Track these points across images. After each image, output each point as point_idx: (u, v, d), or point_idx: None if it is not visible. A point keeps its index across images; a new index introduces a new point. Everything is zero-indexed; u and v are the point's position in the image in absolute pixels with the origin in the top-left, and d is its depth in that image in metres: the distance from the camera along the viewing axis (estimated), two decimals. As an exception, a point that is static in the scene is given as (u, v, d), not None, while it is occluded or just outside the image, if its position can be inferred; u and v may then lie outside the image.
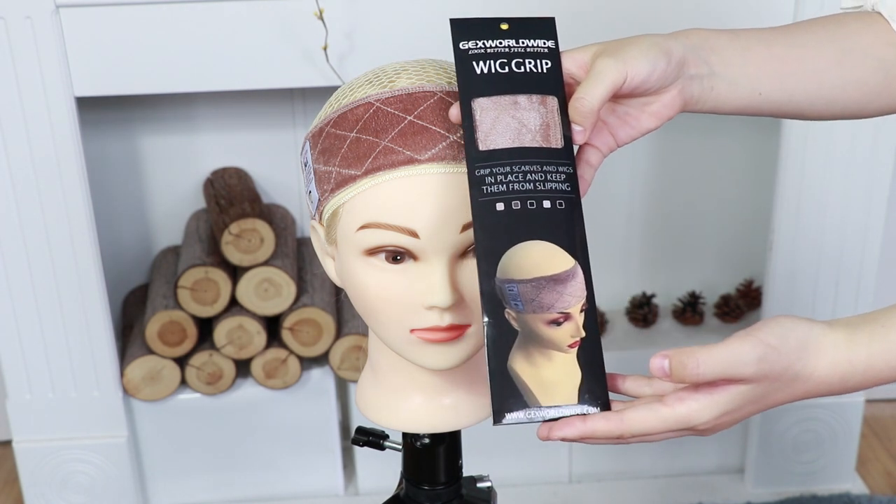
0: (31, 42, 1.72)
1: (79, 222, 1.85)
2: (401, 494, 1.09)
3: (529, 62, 0.89)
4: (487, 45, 0.90)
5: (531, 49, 0.90)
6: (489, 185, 0.86)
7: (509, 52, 0.89)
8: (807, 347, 0.82)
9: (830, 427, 2.13)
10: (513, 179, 0.86)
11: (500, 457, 2.16)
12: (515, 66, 0.89)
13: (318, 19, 1.71)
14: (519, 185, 0.86)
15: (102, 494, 2.07)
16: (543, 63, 0.89)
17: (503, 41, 0.90)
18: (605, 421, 0.83)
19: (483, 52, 0.89)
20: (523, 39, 0.90)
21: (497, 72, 0.88)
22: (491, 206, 0.85)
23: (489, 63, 0.89)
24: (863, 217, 1.94)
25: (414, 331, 0.93)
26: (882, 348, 0.81)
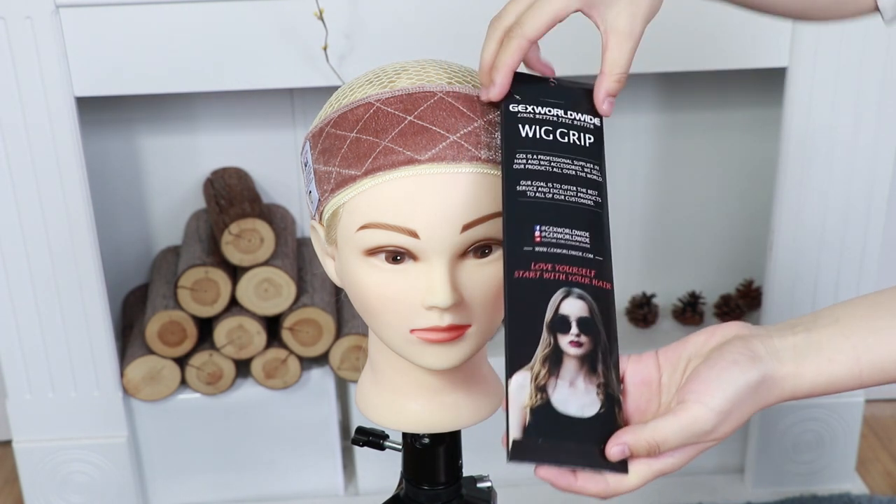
0: (31, 42, 1.72)
1: (79, 222, 1.85)
2: (401, 494, 1.09)
3: (574, 134, 0.91)
4: (536, 112, 0.91)
5: (578, 122, 0.92)
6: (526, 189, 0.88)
7: (556, 121, 0.91)
8: (758, 393, 0.82)
9: (830, 427, 2.13)
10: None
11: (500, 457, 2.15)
12: (560, 136, 0.91)
13: (318, 19, 1.71)
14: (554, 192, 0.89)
15: (102, 494, 2.07)
16: (587, 137, 0.92)
17: (552, 110, 0.92)
18: (632, 434, 0.82)
19: (531, 117, 0.91)
20: (571, 112, 0.92)
21: (542, 138, 0.90)
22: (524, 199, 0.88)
23: (535, 128, 0.91)
24: (863, 217, 1.94)
25: (414, 331, 0.93)
26: (824, 382, 0.83)
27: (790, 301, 2.00)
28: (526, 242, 0.86)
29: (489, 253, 0.92)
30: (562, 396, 0.82)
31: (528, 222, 0.86)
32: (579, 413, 0.82)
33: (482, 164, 0.90)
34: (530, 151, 0.89)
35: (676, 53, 1.83)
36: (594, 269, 0.87)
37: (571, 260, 0.86)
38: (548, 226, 0.87)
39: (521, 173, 0.88)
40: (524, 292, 0.84)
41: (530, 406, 0.81)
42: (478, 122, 0.91)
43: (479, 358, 1.04)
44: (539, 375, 0.82)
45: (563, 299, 0.85)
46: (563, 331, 0.84)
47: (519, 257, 0.85)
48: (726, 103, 2.13)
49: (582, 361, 0.83)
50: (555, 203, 0.88)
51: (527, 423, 0.80)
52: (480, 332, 0.95)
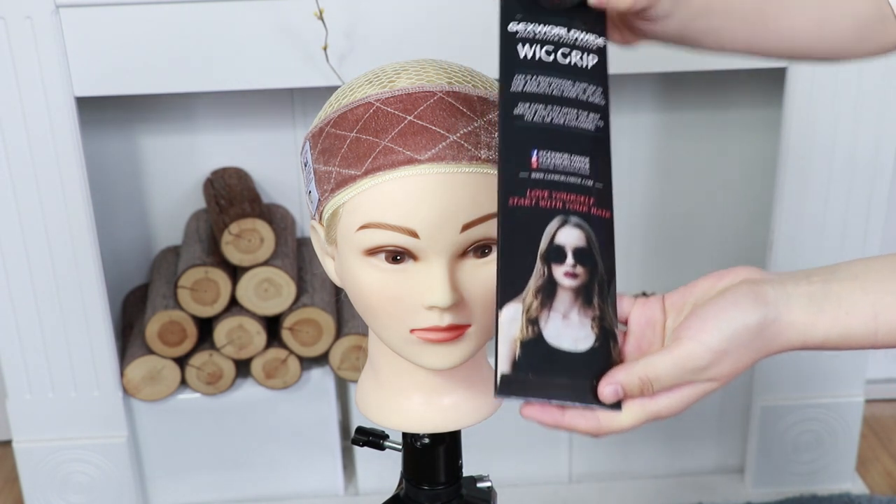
0: (31, 42, 1.72)
1: (79, 222, 1.85)
2: (401, 494, 1.09)
3: (576, 55, 0.87)
4: (536, 31, 0.87)
5: (581, 42, 0.88)
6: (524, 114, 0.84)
7: (557, 40, 0.87)
8: (761, 337, 0.81)
9: (830, 427, 2.13)
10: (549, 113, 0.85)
11: (500, 457, 2.16)
12: (561, 57, 0.86)
13: (318, 19, 1.71)
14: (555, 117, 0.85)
15: (102, 494, 2.07)
16: (590, 58, 0.87)
17: (553, 28, 0.87)
18: (625, 372, 0.80)
19: (531, 36, 0.87)
20: (574, 30, 0.87)
21: (541, 59, 0.86)
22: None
23: (534, 49, 0.86)
24: (862, 217, 1.94)
25: (414, 331, 0.93)
26: (838, 335, 0.81)
27: (790, 301, 2.00)
28: (522, 168, 0.82)
29: (489, 253, 0.92)
30: (554, 329, 0.79)
31: (524, 147, 0.82)
32: (572, 347, 0.79)
33: (482, 163, 0.90)
34: (529, 72, 0.85)
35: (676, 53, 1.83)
36: (593, 197, 0.83)
37: (569, 187, 0.82)
38: (545, 150, 0.83)
39: (519, 96, 0.84)
40: (518, 220, 0.81)
41: (521, 339, 0.78)
42: (478, 122, 0.91)
43: (479, 358, 1.04)
44: (531, 307, 0.79)
45: (559, 228, 0.81)
46: (558, 261, 0.80)
47: (514, 183, 0.81)
48: (726, 103, 2.13)
49: (577, 293, 0.80)
50: (553, 127, 0.84)
51: (517, 357, 0.78)
52: (480, 331, 0.95)
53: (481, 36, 1.80)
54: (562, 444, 2.20)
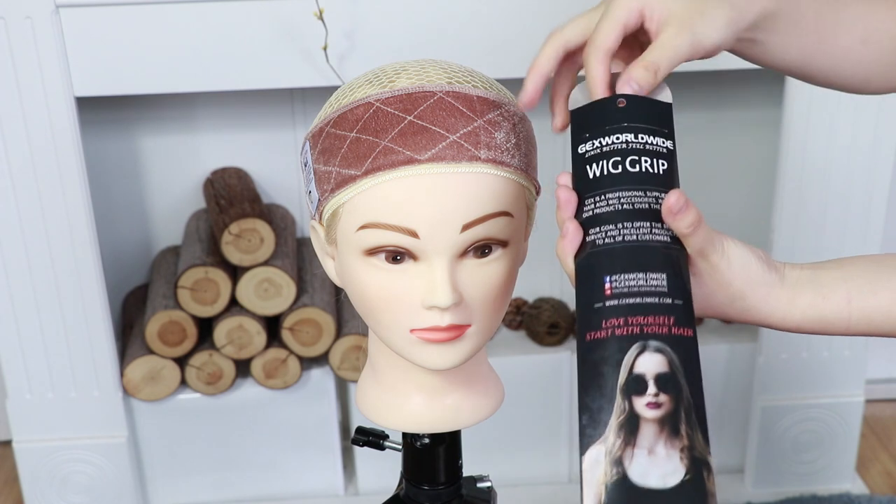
0: (31, 42, 1.72)
1: (79, 222, 1.85)
2: (401, 494, 1.09)
3: (646, 161, 0.83)
4: (604, 144, 0.83)
5: (650, 147, 0.84)
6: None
7: (626, 148, 0.83)
8: (757, 290, 0.84)
9: (830, 427, 2.13)
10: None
11: (500, 457, 2.16)
12: (630, 165, 0.82)
13: (318, 19, 1.71)
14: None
15: (102, 494, 2.07)
16: (660, 164, 0.83)
17: (620, 136, 0.83)
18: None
19: (599, 152, 0.83)
20: (642, 135, 0.83)
21: (610, 173, 0.82)
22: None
23: (602, 164, 0.83)
24: (862, 217, 1.94)
25: (414, 331, 0.93)
26: (813, 316, 0.85)
27: (790, 301, 2.00)
28: (596, 299, 0.78)
29: (489, 252, 0.92)
30: (640, 468, 0.74)
31: (597, 275, 0.79)
32: (661, 484, 0.73)
33: (482, 163, 0.90)
34: (598, 193, 0.82)
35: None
36: (673, 316, 0.78)
37: (646, 309, 0.78)
38: (618, 274, 0.79)
39: (589, 221, 0.81)
40: (595, 355, 0.77)
41: (605, 483, 0.73)
42: (477, 122, 0.91)
43: (480, 358, 1.04)
44: (614, 447, 0.74)
45: (637, 356, 0.77)
46: (639, 392, 0.76)
47: (589, 317, 0.78)
48: (726, 103, 2.13)
49: (661, 424, 0.75)
50: (626, 246, 0.79)
51: (602, 501, 0.73)
52: (480, 331, 0.95)
53: (481, 36, 1.81)
54: (562, 444, 2.20)
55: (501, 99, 0.94)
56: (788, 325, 0.85)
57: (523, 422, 2.16)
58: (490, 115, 0.92)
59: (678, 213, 0.80)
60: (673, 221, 0.80)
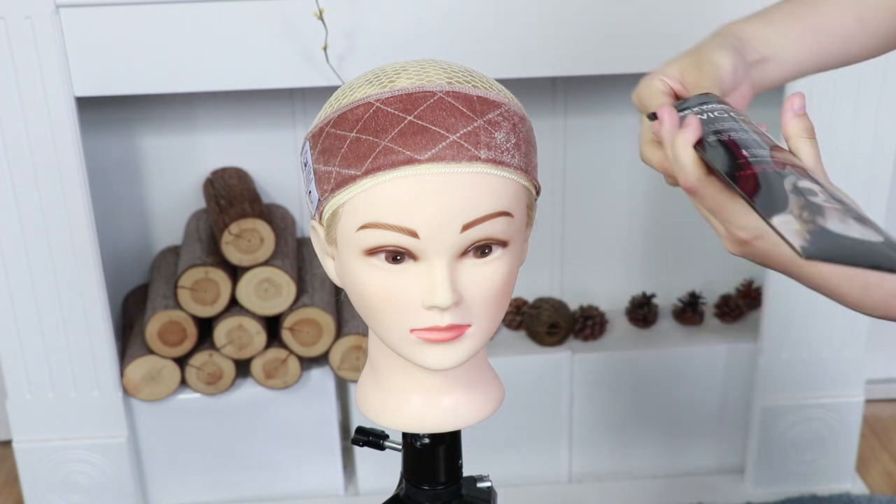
0: (31, 42, 1.72)
1: (79, 222, 1.85)
2: (401, 494, 1.09)
3: (744, 122, 0.92)
4: (705, 111, 0.92)
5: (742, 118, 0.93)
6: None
7: (723, 114, 0.92)
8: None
9: (830, 427, 2.13)
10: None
11: (500, 457, 2.16)
12: (733, 118, 0.91)
13: (318, 19, 1.71)
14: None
15: (102, 494, 2.07)
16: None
17: (717, 106, 0.93)
18: None
19: (702, 117, 0.92)
20: (733, 113, 0.92)
21: (714, 116, 0.91)
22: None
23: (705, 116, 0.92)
24: (863, 217, 1.94)
25: (414, 331, 0.93)
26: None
27: (790, 301, 2.00)
28: (739, 159, 0.85)
29: (489, 253, 0.92)
30: (837, 223, 0.74)
31: (730, 151, 0.86)
32: (862, 237, 0.73)
33: (482, 163, 0.90)
34: (708, 130, 0.90)
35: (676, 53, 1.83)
36: (800, 166, 0.86)
37: (785, 162, 0.85)
38: (748, 149, 0.86)
39: (707, 134, 0.88)
40: (752, 180, 0.82)
41: (806, 230, 0.74)
42: (477, 122, 0.91)
43: (480, 358, 1.04)
44: (802, 216, 0.75)
45: (797, 179, 0.81)
46: (812, 193, 0.79)
47: (737, 166, 0.84)
48: (726, 103, 2.13)
49: (844, 212, 0.76)
50: (742, 137, 0.88)
51: (807, 238, 0.73)
52: (480, 331, 0.95)
53: (481, 36, 1.81)
54: (562, 444, 2.20)
55: (501, 99, 0.94)
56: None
57: (523, 422, 2.16)
58: (490, 115, 0.92)
59: (801, 113, 0.89)
60: (792, 119, 0.89)
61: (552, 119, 2.12)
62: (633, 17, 1.79)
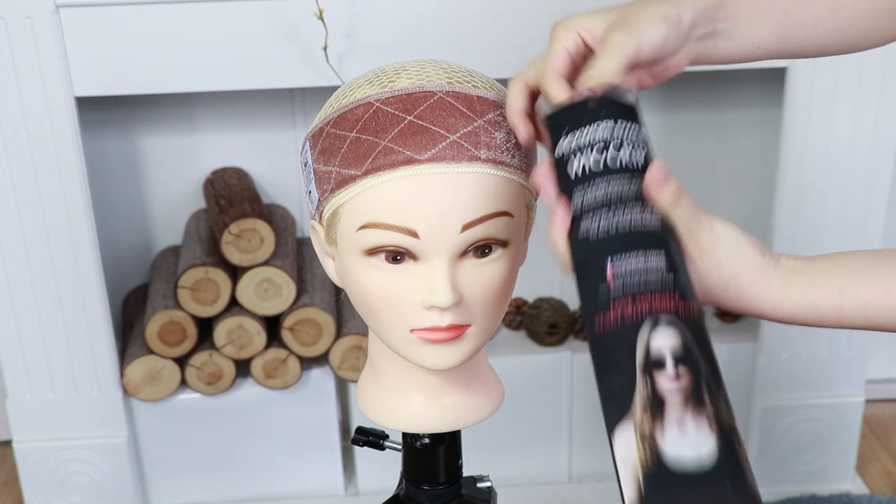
0: (31, 42, 1.72)
1: (79, 222, 1.85)
2: (401, 494, 1.09)
3: (627, 147, 0.83)
4: (583, 137, 0.84)
5: (629, 134, 0.84)
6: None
7: (607, 139, 0.83)
8: (748, 273, 0.84)
9: (830, 427, 2.13)
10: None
11: (500, 457, 2.16)
12: (614, 149, 0.83)
13: (318, 19, 1.72)
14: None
15: (102, 494, 2.07)
16: (640, 151, 0.84)
17: (600, 124, 0.83)
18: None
19: (579, 147, 0.83)
20: (621, 121, 0.84)
21: (591, 169, 0.83)
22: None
23: (584, 160, 0.83)
24: (862, 217, 1.94)
25: (414, 331, 0.93)
26: (806, 306, 0.85)
27: (790, 301, 2.00)
28: (600, 282, 0.79)
29: (489, 252, 0.92)
30: (672, 442, 0.75)
31: (598, 260, 0.80)
32: (695, 453, 0.74)
33: (482, 163, 0.90)
34: (584, 186, 0.82)
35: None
36: (678, 291, 0.79)
37: (652, 285, 0.79)
38: (619, 255, 0.80)
39: (580, 215, 0.82)
40: (608, 337, 0.78)
41: (640, 460, 0.74)
42: (477, 122, 0.91)
43: (480, 358, 1.04)
44: (643, 424, 0.75)
45: (651, 332, 0.78)
46: (659, 368, 0.77)
47: (595, 301, 0.79)
48: (726, 103, 2.13)
49: (686, 397, 0.76)
50: (621, 229, 0.81)
51: (640, 479, 0.74)
52: (480, 331, 0.95)
53: (481, 36, 1.81)
54: (562, 444, 2.20)
55: (501, 99, 0.94)
56: (780, 313, 0.85)
57: (523, 422, 2.16)
58: (490, 115, 0.92)
59: (662, 182, 0.82)
60: (657, 193, 0.82)
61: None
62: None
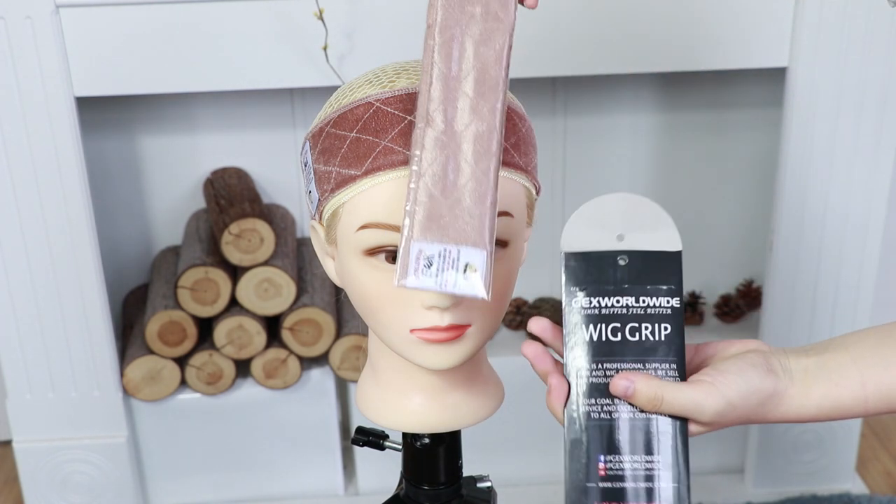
0: (31, 42, 1.72)
1: (79, 222, 1.85)
2: (401, 494, 1.09)
3: (647, 328, 0.82)
4: (603, 305, 0.82)
5: (652, 310, 0.82)
6: None
7: (626, 314, 0.81)
8: (765, 404, 0.84)
9: (830, 427, 2.13)
10: None
11: (500, 457, 2.16)
12: (630, 334, 0.81)
13: (318, 19, 1.71)
14: None
15: (102, 494, 2.07)
16: (662, 328, 0.82)
17: (621, 300, 0.81)
18: (644, 379, 0.82)
19: (597, 313, 0.82)
20: (644, 298, 0.81)
21: (608, 339, 0.81)
22: None
23: (601, 328, 0.82)
24: (863, 217, 1.94)
25: (414, 331, 0.93)
26: (830, 406, 0.85)
27: (790, 301, 2.00)
28: (590, 477, 0.81)
29: (489, 253, 0.92)
30: None
31: (592, 453, 0.81)
32: None
33: (482, 163, 0.90)
34: (596, 360, 0.82)
35: (676, 53, 1.83)
36: (658, 502, 0.82)
37: (637, 495, 0.81)
38: (614, 455, 0.81)
39: (587, 390, 0.82)
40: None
41: None
42: (478, 122, 0.91)
43: (480, 358, 1.04)
44: None
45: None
46: None
47: (580, 494, 0.80)
48: (726, 103, 2.13)
49: None
50: (623, 422, 0.81)
51: None
52: (480, 331, 0.95)
53: (481, 36, 1.80)
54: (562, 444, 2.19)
55: (501, 99, 0.94)
56: (804, 418, 0.86)
57: (523, 422, 2.16)
58: (490, 115, 0.92)
59: (628, 397, 0.82)
60: (631, 401, 0.83)
61: (552, 119, 2.11)
62: (632, 17, 1.79)
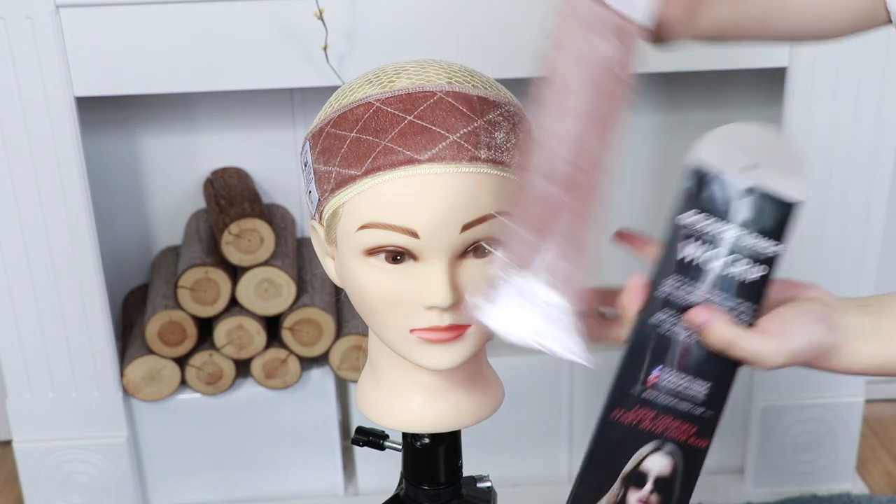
0: (31, 42, 1.72)
1: (79, 222, 1.85)
2: (401, 494, 1.09)
3: (742, 265, 0.84)
4: (708, 229, 0.83)
5: (754, 248, 0.84)
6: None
7: (731, 245, 0.83)
8: (819, 357, 0.87)
9: (830, 427, 2.13)
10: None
11: (500, 457, 2.16)
12: (723, 267, 0.83)
13: (318, 19, 1.72)
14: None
15: (102, 494, 2.07)
16: (757, 271, 0.85)
17: (729, 228, 0.83)
18: (721, 321, 0.84)
19: (699, 234, 0.84)
20: (751, 233, 0.83)
21: (700, 265, 0.83)
22: None
23: (698, 251, 0.83)
24: (863, 217, 1.94)
25: (414, 331, 0.93)
26: (879, 363, 0.88)
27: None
28: (638, 382, 0.81)
29: (489, 253, 0.92)
30: None
31: (649, 360, 0.82)
32: None
33: (482, 163, 0.90)
34: (682, 279, 0.83)
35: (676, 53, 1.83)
36: (697, 426, 0.83)
37: (677, 413, 0.82)
38: (668, 369, 0.82)
39: (662, 302, 0.83)
40: (614, 434, 0.81)
41: None
42: (477, 122, 0.91)
43: (480, 358, 1.04)
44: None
45: (650, 453, 0.82)
46: (638, 485, 0.81)
47: (624, 396, 0.81)
48: (726, 103, 2.13)
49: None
50: (688, 343, 0.83)
51: None
52: (480, 331, 0.95)
53: (481, 36, 1.80)
54: (562, 443, 2.20)
55: (501, 99, 0.94)
56: (852, 372, 0.88)
57: (523, 422, 2.16)
58: (490, 115, 0.92)
59: (703, 329, 0.83)
60: (702, 335, 0.84)
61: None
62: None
